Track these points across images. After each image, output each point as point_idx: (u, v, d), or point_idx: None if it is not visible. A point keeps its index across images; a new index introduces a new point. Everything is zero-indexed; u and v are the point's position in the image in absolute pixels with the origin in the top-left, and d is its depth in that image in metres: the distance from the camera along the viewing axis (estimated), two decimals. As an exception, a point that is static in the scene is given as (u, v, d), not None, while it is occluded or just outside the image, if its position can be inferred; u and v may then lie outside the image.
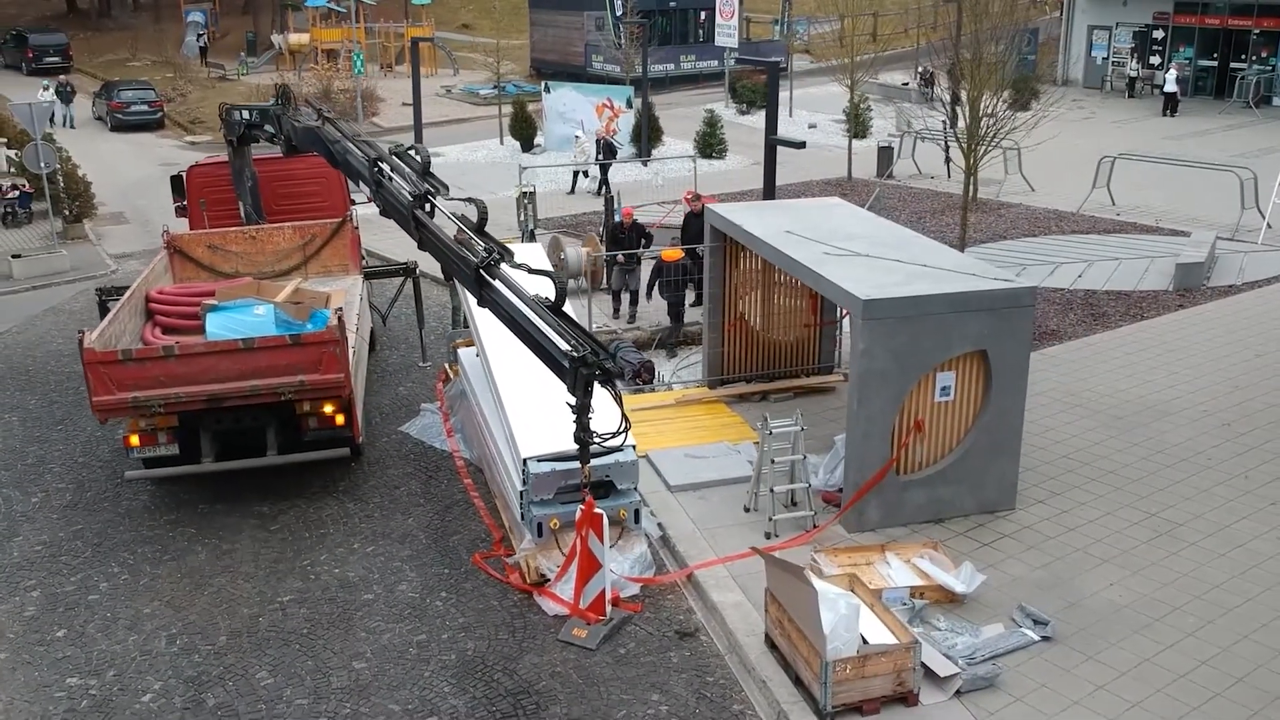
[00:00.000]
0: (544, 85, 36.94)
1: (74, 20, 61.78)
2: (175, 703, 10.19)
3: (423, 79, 50.58)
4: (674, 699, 10.06)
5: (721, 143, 34.84)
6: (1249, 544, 11.96)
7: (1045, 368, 16.85)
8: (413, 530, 13.14)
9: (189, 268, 16.90)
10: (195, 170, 18.35)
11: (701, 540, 12.32)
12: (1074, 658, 10.17)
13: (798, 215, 14.98)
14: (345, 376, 12.96)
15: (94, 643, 11.12)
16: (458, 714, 9.96)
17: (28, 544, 13.03)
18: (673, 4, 47.54)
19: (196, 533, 13.17)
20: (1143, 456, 13.98)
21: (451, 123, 41.64)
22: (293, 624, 11.36)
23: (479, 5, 65.32)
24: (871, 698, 9.51)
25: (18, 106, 23.56)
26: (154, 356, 12.62)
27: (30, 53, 50.76)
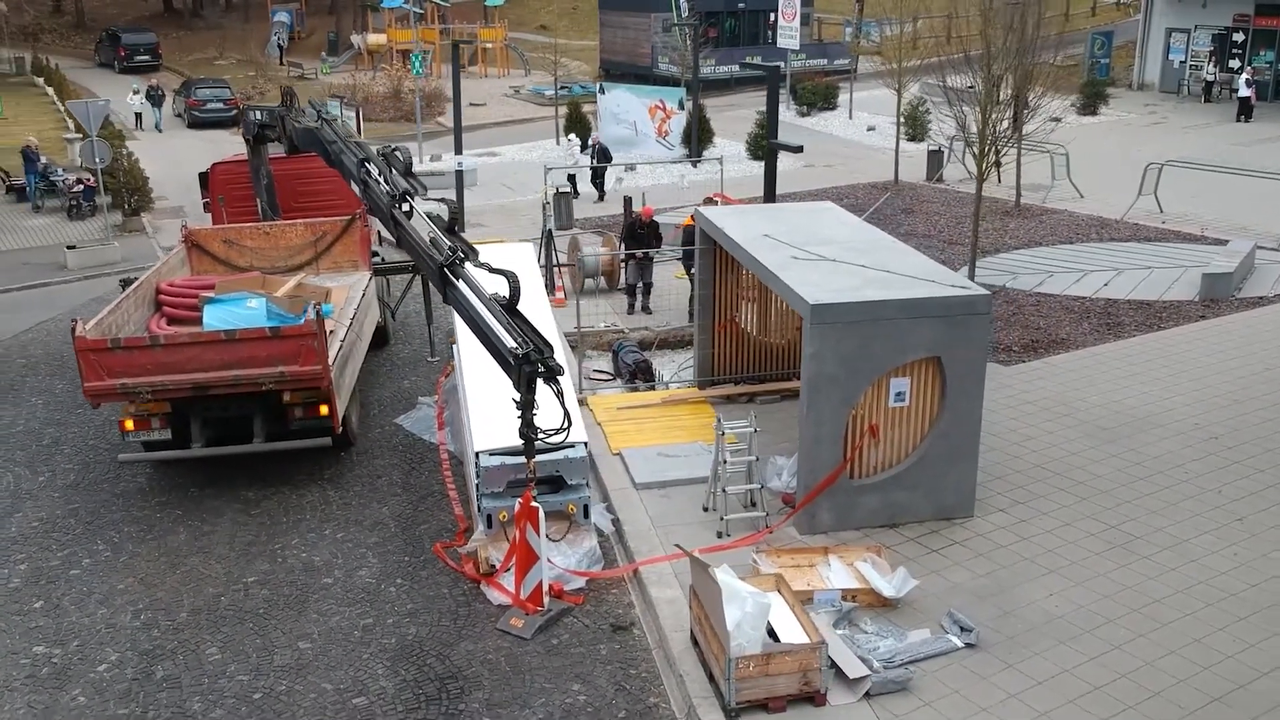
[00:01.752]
0: (599, 86, 37.35)
1: (168, 20, 64.02)
2: (127, 673, 10.75)
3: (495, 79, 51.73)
4: (594, 690, 10.32)
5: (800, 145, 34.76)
6: (1203, 559, 11.80)
7: (1043, 376, 16.73)
8: (385, 519, 13.59)
9: (206, 261, 17.61)
10: (217, 168, 19.10)
11: (655, 537, 12.54)
12: (993, 665, 10.19)
13: (782, 219, 15.10)
14: (324, 369, 13.45)
15: (66, 614, 11.76)
16: (385, 694, 10.35)
17: (26, 520, 13.78)
18: (742, 5, 47.66)
19: (182, 514, 13.79)
20: (1118, 468, 13.83)
21: (514, 123, 42.35)
22: (252, 604, 11.87)
23: (558, 6, 66.14)
24: (777, 696, 9.65)
25: (75, 105, 24.70)
26: (141, 345, 13.26)
27: (122, 51, 52.81)
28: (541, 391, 11.15)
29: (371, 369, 18.25)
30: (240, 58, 54.92)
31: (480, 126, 41.93)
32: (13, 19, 62.87)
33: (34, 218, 29.33)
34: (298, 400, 13.99)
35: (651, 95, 35.40)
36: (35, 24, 64.02)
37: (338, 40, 56.50)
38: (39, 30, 63.55)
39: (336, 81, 47.40)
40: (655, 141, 35.16)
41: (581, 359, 18.55)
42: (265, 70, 51.58)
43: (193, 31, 61.30)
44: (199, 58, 55.89)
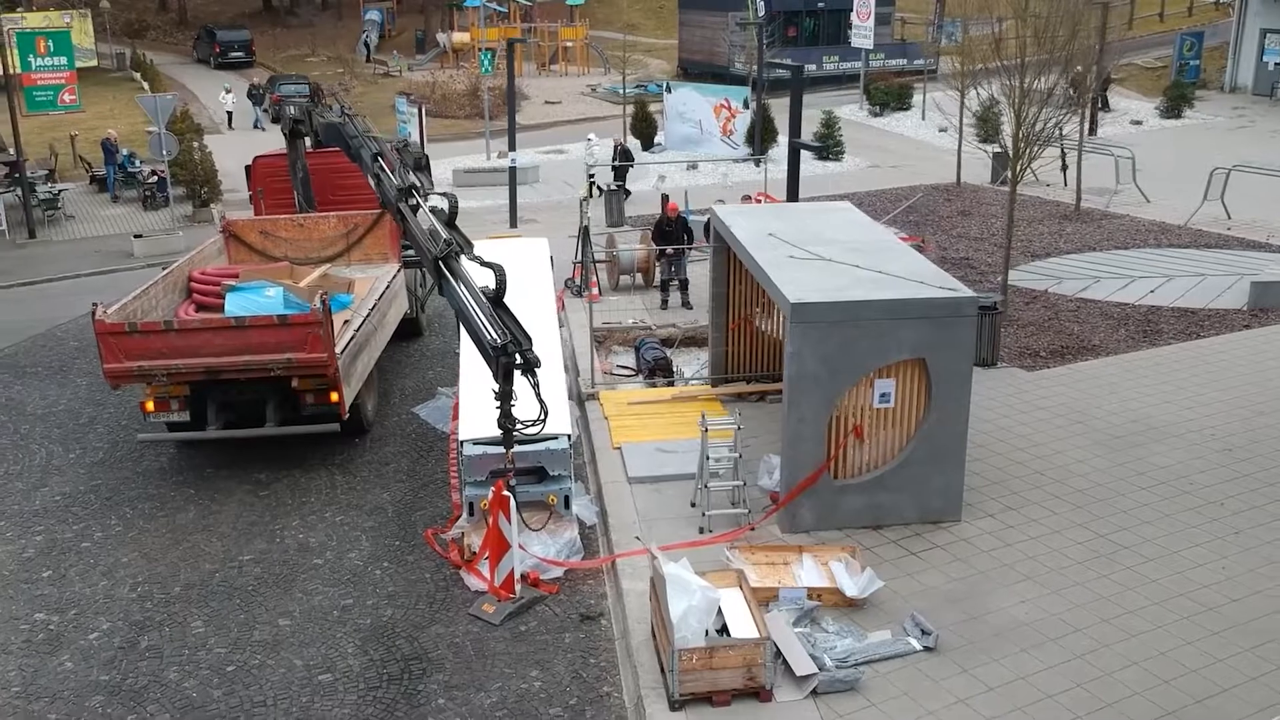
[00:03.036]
0: (665, 85, 37.48)
1: (265, 18, 65.77)
2: (114, 642, 11.25)
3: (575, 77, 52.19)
4: (551, 677, 10.51)
5: (838, 144, 34.64)
6: (1188, 571, 11.54)
7: (1064, 383, 16.46)
8: (384, 504, 13.95)
9: (242, 251, 18.22)
10: (259, 161, 19.73)
11: (636, 530, 12.66)
12: (948, 670, 10.12)
13: (792, 219, 15.10)
14: (329, 357, 13.85)
15: (70, 584, 12.33)
16: (350, 672, 10.68)
17: (50, 494, 14.45)
18: (821, 4, 47.33)
19: (194, 493, 14.33)
20: (1121, 477, 13.56)
21: (585, 120, 42.66)
22: (243, 581, 12.31)
23: (646, 5, 66.34)
24: (721, 689, 9.73)
25: (144, 99, 25.67)
26: (156, 330, 13.81)
27: (217, 48, 54.49)
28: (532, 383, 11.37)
29: (399, 359, 18.70)
30: (331, 55, 56.25)
31: (553, 124, 42.41)
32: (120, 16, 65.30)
33: (112, 207, 30.54)
34: (309, 387, 14.41)
35: (717, 94, 35.42)
36: (140, 21, 66.35)
37: (425, 38, 57.53)
38: (144, 27, 65.85)
39: (418, 79, 48.28)
40: (720, 140, 35.17)
41: (607, 355, 18.79)
42: (352, 68, 52.75)
43: (287, 29, 62.90)
44: (291, 55, 57.34)
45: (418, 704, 10.19)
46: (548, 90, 48.37)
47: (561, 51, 53.50)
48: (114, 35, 59.04)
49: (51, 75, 30.33)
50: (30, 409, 17.23)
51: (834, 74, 47.01)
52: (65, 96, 30.78)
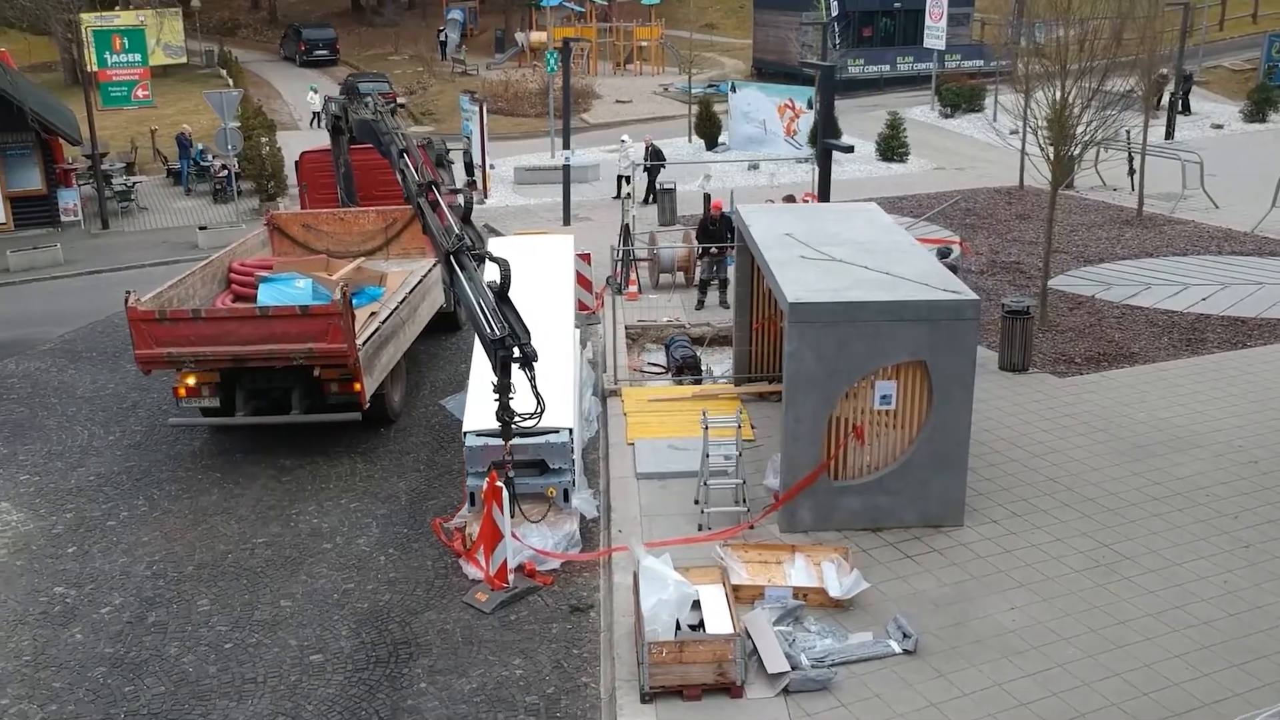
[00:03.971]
0: (730, 85, 37.47)
1: (352, 17, 67.09)
2: (124, 616, 11.70)
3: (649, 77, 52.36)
4: (533, 665, 10.68)
5: (903, 145, 34.33)
6: (1188, 584, 11.30)
7: (1095, 390, 16.17)
8: (399, 492, 14.26)
9: (285, 244, 18.72)
10: (305, 156, 20.24)
11: (639, 526, 12.79)
12: (924, 673, 10.07)
13: (812, 220, 15.08)
14: (349, 347, 14.19)
15: (91, 560, 12.84)
16: (341, 653, 10.97)
17: (86, 474, 15.04)
18: (898, 4, 46.85)
19: (220, 477, 14.80)
20: (1136, 487, 13.30)
21: (654, 120, 42.79)
22: (253, 562, 12.69)
23: (725, 5, 66.24)
24: (692, 684, 9.80)
25: (210, 95, 26.45)
26: (185, 318, 14.29)
27: (303, 46, 55.78)
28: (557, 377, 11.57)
29: (434, 352, 19.05)
30: (412, 54, 57.19)
31: (621, 123, 42.59)
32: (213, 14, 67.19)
33: (184, 200, 31.52)
34: (333, 376, 14.79)
35: (781, 94, 35.30)
36: (233, 19, 68.20)
37: (504, 37, 58.18)
38: (236, 25, 67.68)
39: (494, 78, 48.86)
40: (783, 141, 35.06)
41: (639, 352, 18.93)
42: (430, 66, 53.57)
43: (372, 28, 64.10)
44: (375, 53, 58.42)
45: (400, 686, 10.44)
46: (621, 89, 48.62)
47: (636, 51, 53.70)
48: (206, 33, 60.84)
49: (126, 71, 31.40)
50: (80, 392, 17.92)
51: (908, 75, 46.50)
52: (139, 92, 31.85)
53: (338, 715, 10.08)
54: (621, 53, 54.34)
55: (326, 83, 48.08)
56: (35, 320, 21.78)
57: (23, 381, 18.47)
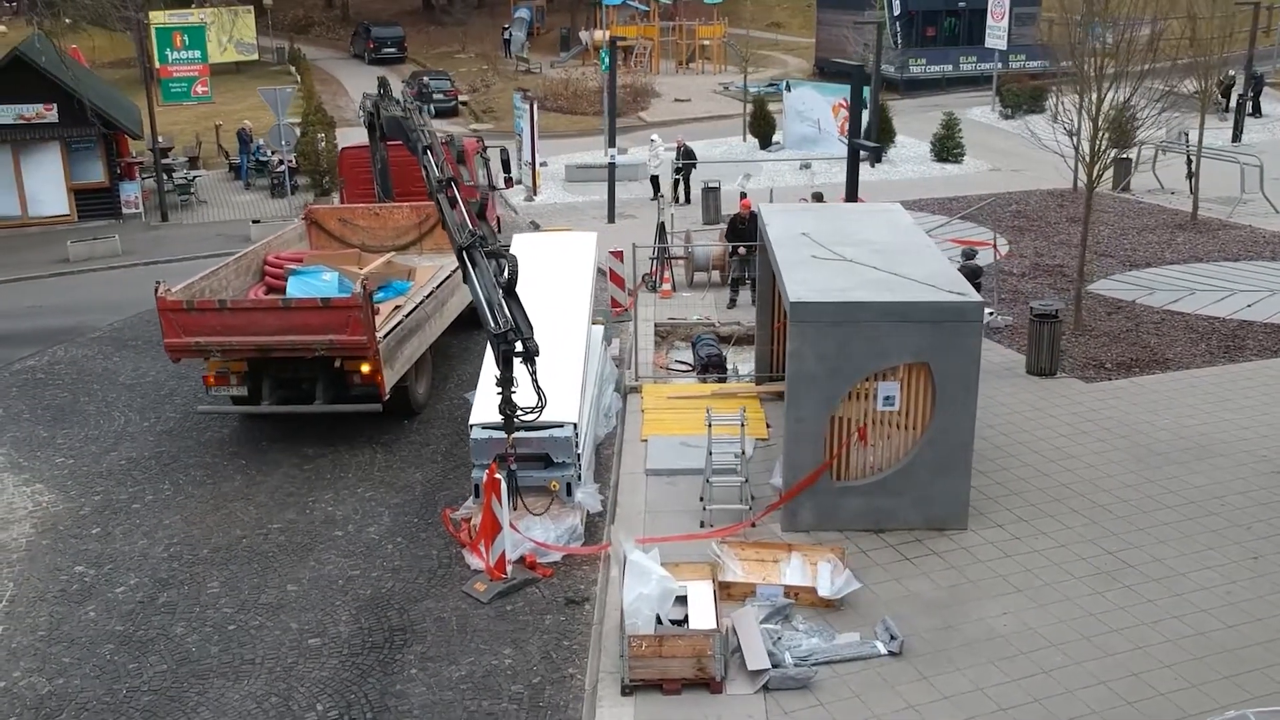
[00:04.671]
0: (785, 84, 37.36)
1: (422, 15, 67.94)
2: (137, 596, 12.08)
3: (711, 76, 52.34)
4: (522, 655, 10.84)
5: (958, 146, 33.97)
6: (1190, 594, 11.12)
7: (1121, 396, 15.93)
8: (414, 483, 14.52)
9: (322, 238, 19.11)
10: (345, 153, 20.64)
11: (642, 521, 12.89)
12: (907, 675, 10.04)
13: (831, 220, 15.05)
14: (369, 339, 14.46)
15: (112, 541, 13.27)
16: (339, 638, 11.23)
17: (118, 458, 15.51)
18: (962, 4, 46.31)
19: (244, 464, 15.18)
20: (1150, 495, 13.10)
21: (712, 119, 42.77)
22: (265, 547, 13.02)
23: (793, 4, 66.01)
24: (671, 678, 9.88)
25: (265, 91, 27.03)
26: (211, 308, 14.68)
27: (371, 44, 56.63)
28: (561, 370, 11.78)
29: (465, 346, 19.28)
30: (478, 52, 57.79)
31: (677, 122, 42.66)
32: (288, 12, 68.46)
33: (243, 194, 32.22)
34: (355, 367, 15.08)
35: (835, 93, 35.02)
36: (307, 17, 69.41)
37: (569, 36, 58.52)
38: (309, 23, 68.87)
39: (556, 76, 49.22)
40: (838, 140, 34.82)
41: (668, 350, 19.02)
42: (495, 64, 54.10)
43: (441, 26, 64.86)
44: (443, 51, 59.12)
45: (391, 671, 10.66)
46: (681, 88, 48.64)
47: (698, 50, 53.71)
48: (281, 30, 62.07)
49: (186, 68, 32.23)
50: (121, 379, 18.47)
51: (971, 75, 45.93)
52: (198, 88, 32.66)
53: (328, 698, 10.33)
54: (684, 51, 54.37)
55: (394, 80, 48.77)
56: (89, 309, 22.44)
57: (69, 368, 19.08)
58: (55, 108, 27.15)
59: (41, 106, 27.06)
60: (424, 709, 10.13)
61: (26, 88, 27.09)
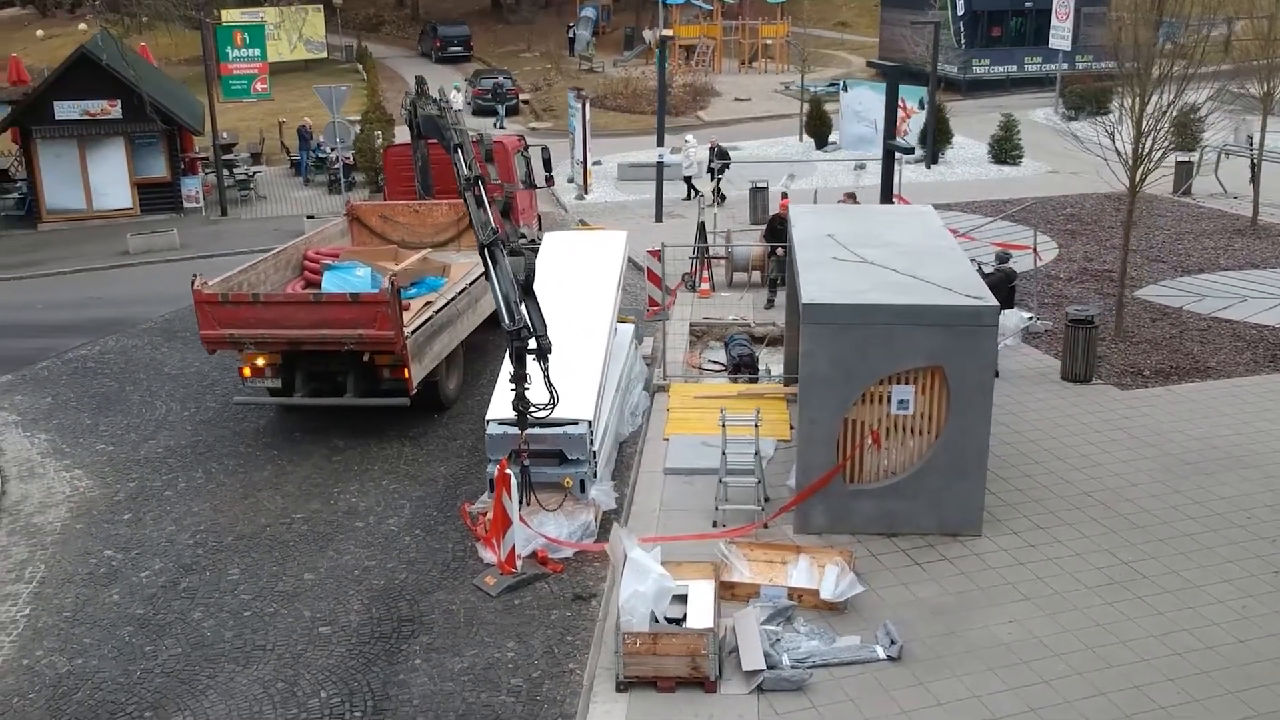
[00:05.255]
0: (842, 84, 37.13)
1: (490, 15, 68.54)
2: (160, 581, 12.41)
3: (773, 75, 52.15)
4: (525, 649, 10.96)
5: (1016, 148, 33.51)
6: (1203, 608, 10.90)
7: (1155, 404, 15.65)
8: (437, 477, 14.72)
9: (363, 234, 19.42)
10: (388, 151, 20.97)
11: (655, 519, 12.95)
12: (904, 681, 9.98)
13: (858, 222, 14.98)
14: (396, 335, 14.68)
15: (142, 527, 13.64)
16: (349, 626, 11.44)
17: (156, 446, 15.93)
18: (1029, 4, 45.66)
19: (276, 454, 15.50)
20: (1174, 505, 12.86)
21: (770, 118, 42.63)
22: (288, 536, 13.29)
23: (860, 4, 65.50)
24: (666, 675, 9.93)
25: (321, 89, 27.50)
26: (245, 301, 15.01)
27: (438, 42, 57.31)
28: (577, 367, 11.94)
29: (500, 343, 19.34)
30: (543, 51, 58.17)
31: (736, 121, 42.65)
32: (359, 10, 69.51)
33: (302, 190, 32.83)
34: (385, 362, 15.32)
35: (892, 94, 34.77)
36: (377, 16, 70.42)
37: (634, 35, 58.67)
38: (380, 22, 69.86)
39: (617, 75, 49.41)
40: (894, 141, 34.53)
41: (702, 350, 19.03)
42: (559, 63, 54.42)
43: (508, 25, 65.38)
44: (508, 50, 59.61)
45: (395, 661, 10.84)
46: (741, 87, 48.56)
47: (761, 49, 53.53)
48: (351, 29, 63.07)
49: (246, 66, 32.86)
50: (167, 369, 18.94)
51: (1036, 76, 45.27)
52: (257, 86, 33.29)
53: (331, 685, 10.53)
54: (746, 50, 54.22)
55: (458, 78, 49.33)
56: (143, 300, 23.01)
57: (119, 357, 19.61)
58: (119, 104, 27.89)
59: (106, 103, 27.81)
60: (424, 699, 10.29)
61: (92, 85, 27.86)
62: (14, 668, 10.98)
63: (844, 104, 36.24)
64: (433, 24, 60.12)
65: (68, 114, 27.85)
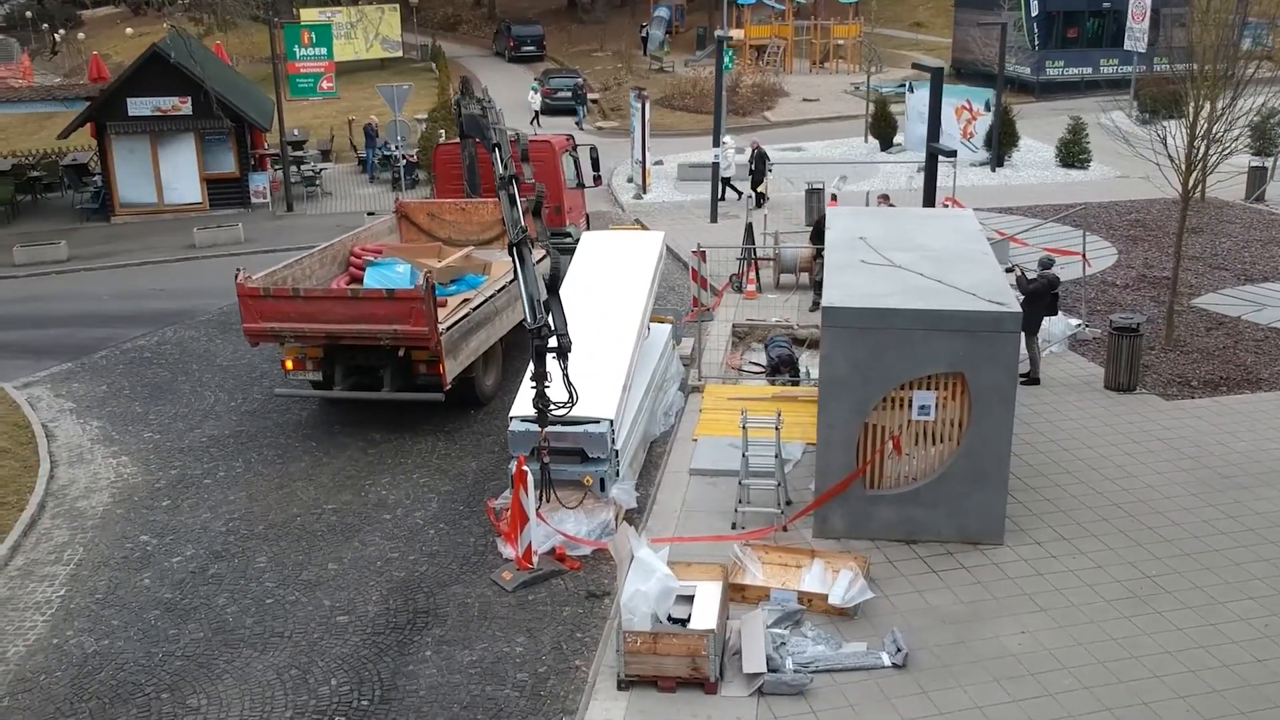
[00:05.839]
0: (908, 85, 36.70)
1: (565, 14, 68.98)
2: (190, 567, 12.75)
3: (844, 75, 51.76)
4: (534, 644, 11.07)
5: (1084, 151, 32.88)
6: (1223, 625, 10.65)
7: (1200, 416, 15.29)
8: (467, 471, 14.90)
9: (411, 231, 19.71)
10: (438, 149, 21.23)
11: (675, 519, 12.98)
12: (907, 689, 9.90)
13: (893, 224, 14.85)
14: (431, 330, 14.89)
15: (179, 514, 14.01)
16: (366, 616, 11.66)
17: (201, 435, 16.34)
18: (1106, 4, 44.74)
19: (314, 445, 15.81)
20: (1207, 519, 12.57)
21: (838, 119, 42.31)
22: (316, 527, 13.57)
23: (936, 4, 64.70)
24: (666, 675, 9.96)
25: (383, 88, 27.94)
26: (285, 295, 15.32)
27: (511, 41, 57.83)
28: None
29: (543, 341, 19.61)
30: (615, 50, 58.39)
31: (802, 122, 42.44)
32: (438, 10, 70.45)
33: (367, 186, 33.33)
34: (421, 358, 15.55)
35: (959, 95, 34.31)
36: (455, 15, 71.28)
37: (706, 35, 58.60)
38: (457, 21, 70.71)
39: (687, 75, 49.41)
40: (959, 143, 34.11)
41: (744, 351, 19.01)
42: (630, 63, 54.57)
43: (582, 25, 65.75)
44: (581, 50, 59.94)
45: (407, 652, 11.02)
46: (811, 87, 48.26)
47: (833, 49, 53.15)
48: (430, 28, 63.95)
49: (313, 64, 33.48)
50: (219, 361, 19.40)
51: (1112, 78, 44.32)
52: (323, 84, 33.89)
53: (342, 673, 10.74)
54: (818, 51, 53.87)
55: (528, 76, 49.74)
56: (205, 293, 23.55)
57: (175, 348, 20.13)
58: (189, 101, 28.57)
59: (177, 100, 28.52)
60: (430, 690, 10.45)
61: (164, 82, 28.59)
62: (44, 646, 11.36)
63: (909, 105, 35.72)
64: (507, 23, 60.67)
65: (140, 110, 28.62)
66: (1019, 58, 44.91)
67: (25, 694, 10.61)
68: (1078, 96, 43.50)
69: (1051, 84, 44.19)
